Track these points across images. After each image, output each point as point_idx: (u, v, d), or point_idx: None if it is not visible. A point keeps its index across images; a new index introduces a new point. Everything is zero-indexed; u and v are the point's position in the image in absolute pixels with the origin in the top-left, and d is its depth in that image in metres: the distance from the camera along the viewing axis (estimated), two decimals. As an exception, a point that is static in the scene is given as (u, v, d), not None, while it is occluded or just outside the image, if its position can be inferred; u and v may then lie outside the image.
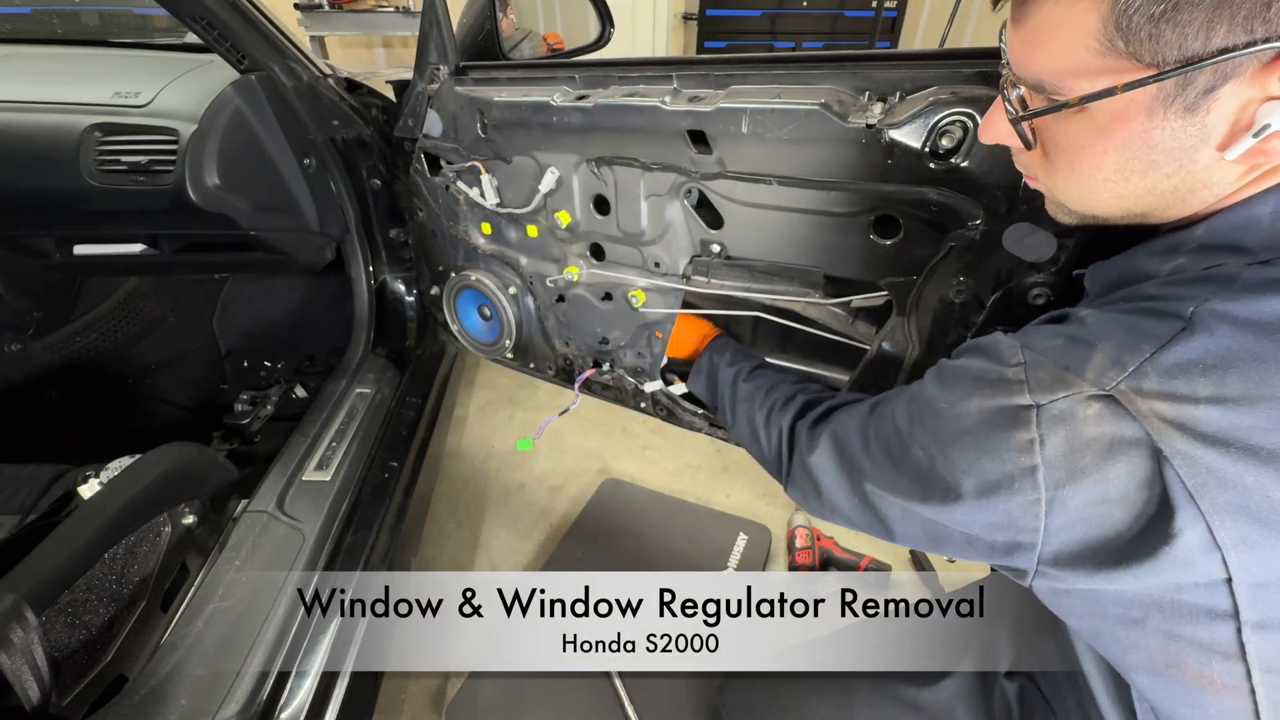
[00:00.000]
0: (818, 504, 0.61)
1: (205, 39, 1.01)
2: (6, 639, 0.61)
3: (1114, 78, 0.36)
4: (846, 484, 0.57)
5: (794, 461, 0.65)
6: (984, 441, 0.43)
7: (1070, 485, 0.39)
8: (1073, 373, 0.40)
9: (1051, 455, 0.40)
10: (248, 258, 1.35)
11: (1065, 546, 0.41)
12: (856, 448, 0.56)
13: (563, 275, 1.01)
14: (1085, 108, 0.38)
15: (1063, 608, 0.46)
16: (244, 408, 1.58)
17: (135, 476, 0.84)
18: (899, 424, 0.51)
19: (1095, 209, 0.44)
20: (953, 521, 0.46)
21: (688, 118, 0.73)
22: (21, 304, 1.35)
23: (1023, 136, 0.44)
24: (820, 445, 0.61)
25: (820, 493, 0.60)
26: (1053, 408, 0.40)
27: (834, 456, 0.59)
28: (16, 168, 1.09)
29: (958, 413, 0.45)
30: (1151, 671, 0.42)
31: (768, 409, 0.74)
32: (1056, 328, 0.45)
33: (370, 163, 1.24)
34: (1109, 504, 0.39)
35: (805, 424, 0.66)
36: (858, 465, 0.55)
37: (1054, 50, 0.38)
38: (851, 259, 0.76)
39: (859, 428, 0.57)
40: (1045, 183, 0.47)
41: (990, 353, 0.46)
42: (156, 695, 0.70)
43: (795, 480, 0.65)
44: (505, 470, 1.79)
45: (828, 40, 3.85)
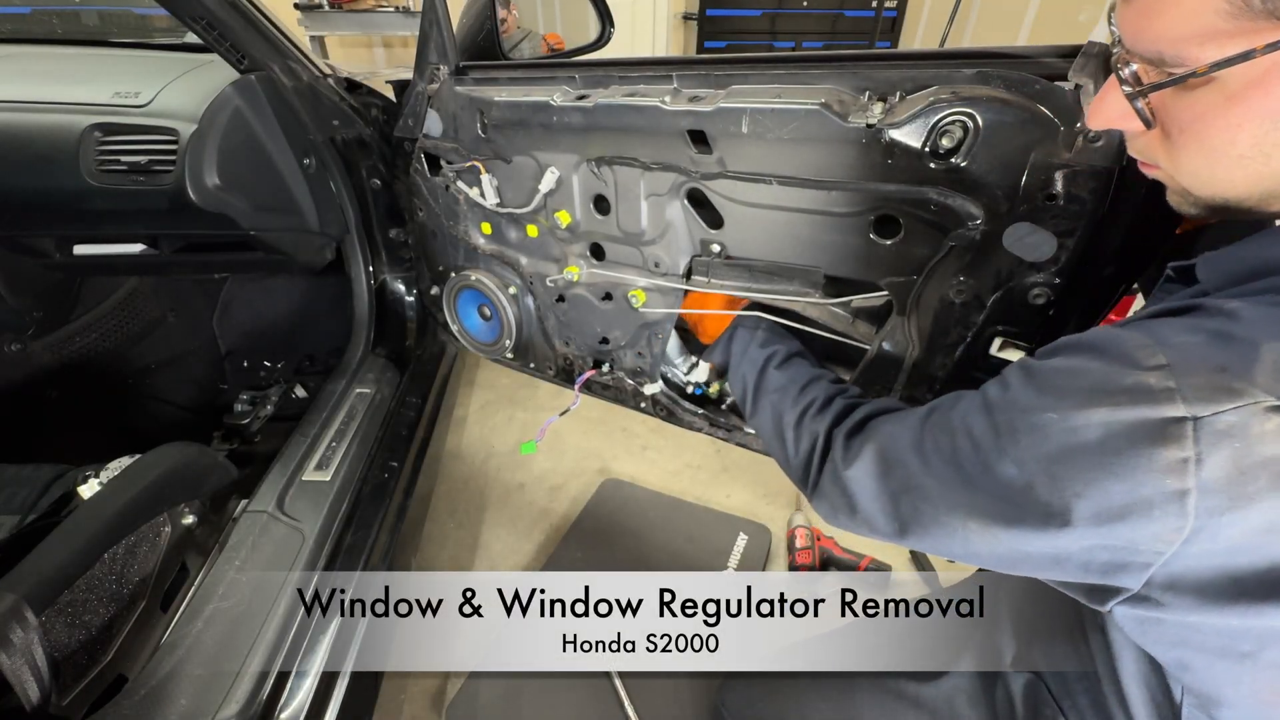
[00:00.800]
0: (849, 521, 0.56)
1: (205, 39, 1.01)
2: (6, 639, 0.61)
3: (1250, 40, 0.33)
4: (890, 505, 0.51)
5: (825, 472, 0.59)
6: (1113, 460, 0.36)
7: (1231, 513, 0.34)
8: (1236, 377, 0.34)
9: (1211, 478, 0.33)
10: (248, 258, 1.35)
11: (1191, 573, 0.36)
12: (913, 465, 0.49)
13: (563, 275, 1.01)
14: (1214, 77, 0.35)
15: (1147, 636, 0.41)
16: (244, 408, 1.58)
17: (135, 476, 0.84)
18: (976, 436, 0.45)
19: (1227, 192, 0.39)
20: (1049, 547, 0.40)
21: (688, 118, 0.73)
22: (21, 304, 1.35)
23: (1141, 115, 0.40)
24: (861, 459, 0.54)
25: (855, 510, 0.54)
26: (1217, 421, 0.33)
27: (877, 473, 0.53)
28: (16, 168, 1.09)
29: (1071, 425, 0.38)
30: (1258, 702, 0.39)
31: (801, 409, 0.67)
32: (1188, 321, 0.39)
33: (370, 163, 1.24)
34: (1276, 534, 0.33)
35: (842, 431, 0.60)
36: (911, 484, 0.49)
37: (1175, 17, 0.35)
38: (851, 259, 0.76)
39: (913, 441, 0.51)
40: (1167, 168, 0.43)
41: (1110, 352, 0.39)
42: (156, 695, 0.70)
43: (824, 492, 0.59)
44: (505, 470, 1.79)
45: (828, 40, 3.85)
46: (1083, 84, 0.53)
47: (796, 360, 0.76)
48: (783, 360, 0.75)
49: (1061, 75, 0.55)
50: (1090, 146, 0.53)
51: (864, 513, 0.54)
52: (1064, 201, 0.56)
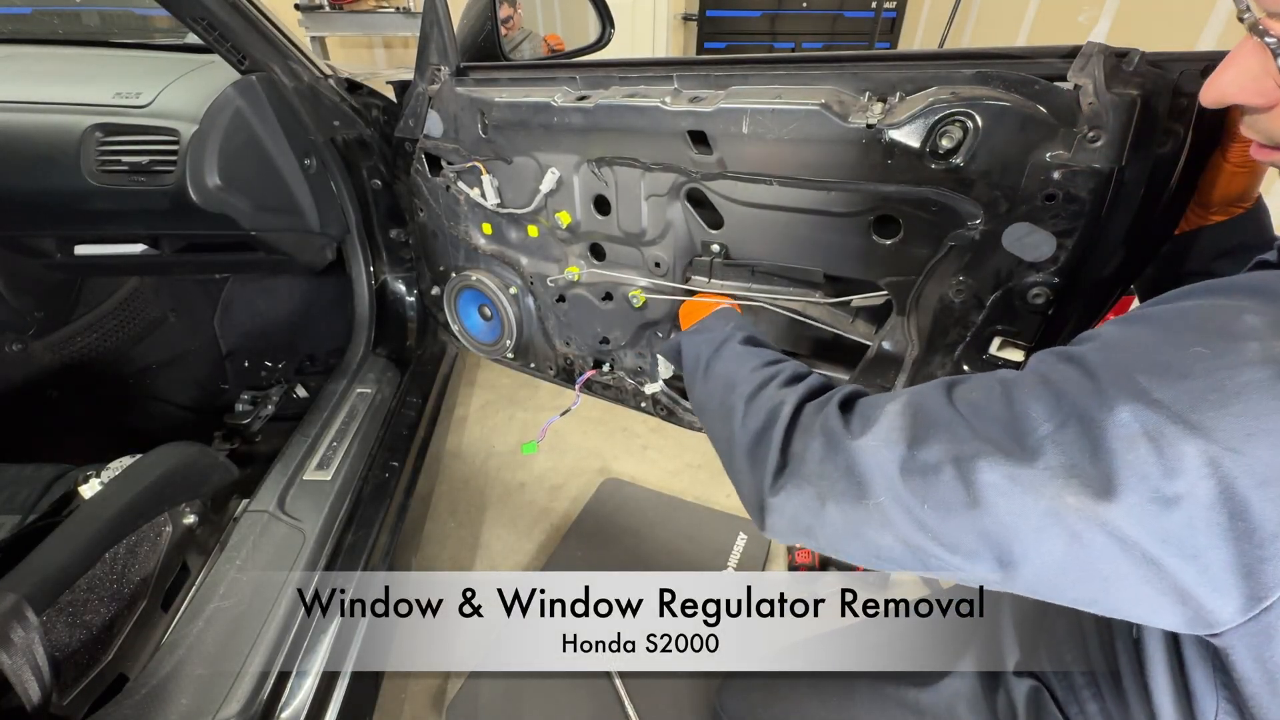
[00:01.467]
0: (845, 512, 0.42)
1: (206, 39, 1.01)
2: (7, 638, 0.61)
3: None
4: (930, 484, 0.39)
5: (800, 453, 0.46)
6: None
7: None
8: None
9: None
10: (249, 258, 1.35)
11: None
12: (961, 430, 0.38)
13: (563, 275, 1.01)
14: None
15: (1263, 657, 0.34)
16: (245, 408, 1.58)
17: (136, 476, 0.84)
18: (1059, 384, 0.35)
19: None
20: (1175, 523, 0.31)
21: (688, 118, 0.73)
22: (22, 304, 1.35)
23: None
24: (879, 426, 0.42)
25: (865, 495, 0.41)
26: None
27: (910, 438, 0.40)
28: (17, 168, 1.09)
29: (1231, 361, 0.31)
30: None
31: (760, 380, 0.55)
32: None
33: (371, 163, 1.24)
34: None
35: (829, 404, 0.47)
36: (964, 451, 0.38)
37: None
38: (851, 259, 0.76)
39: (949, 402, 0.40)
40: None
41: (1266, 291, 0.33)
42: (157, 695, 0.70)
43: (802, 478, 0.45)
44: (505, 470, 1.79)
45: (827, 41, 3.85)
46: (1082, 84, 0.53)
47: (764, 346, 0.64)
48: (746, 339, 0.64)
49: (1061, 76, 0.55)
50: (1089, 147, 0.54)
51: (882, 497, 0.40)
52: (1063, 202, 0.56)
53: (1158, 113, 0.52)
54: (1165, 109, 0.52)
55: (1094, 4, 2.36)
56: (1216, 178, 0.55)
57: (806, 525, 0.45)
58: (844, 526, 0.43)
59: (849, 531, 0.43)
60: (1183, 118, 0.53)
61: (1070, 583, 0.36)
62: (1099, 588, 0.35)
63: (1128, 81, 0.52)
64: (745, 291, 0.86)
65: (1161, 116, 0.52)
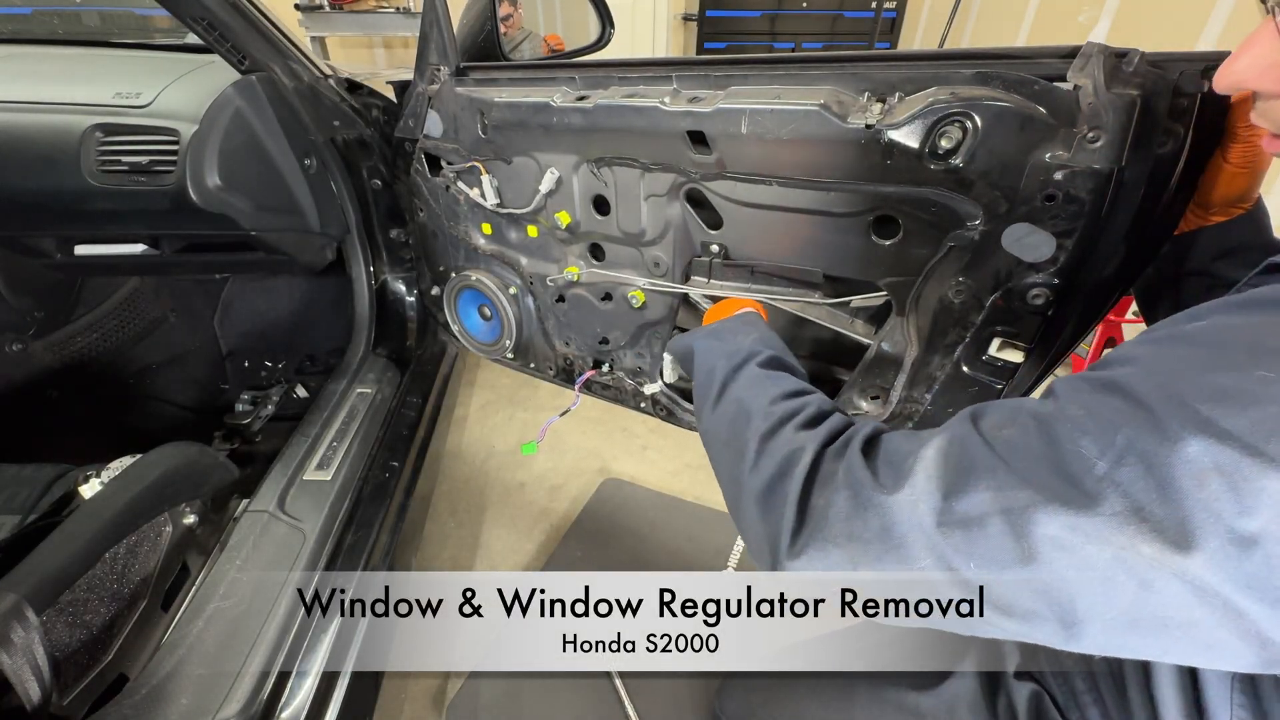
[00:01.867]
0: (886, 585, 0.39)
1: (206, 40, 1.01)
2: (7, 638, 0.61)
3: None
4: (972, 537, 0.35)
5: (821, 505, 0.42)
6: None
7: None
8: None
9: None
10: (249, 258, 1.35)
11: None
12: (1002, 474, 0.35)
13: (563, 275, 1.01)
14: None
15: None
16: (245, 407, 1.58)
17: (136, 476, 0.84)
18: (1150, 409, 0.31)
19: None
20: (1255, 565, 0.28)
21: (687, 118, 0.73)
22: (23, 304, 1.35)
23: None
24: (915, 478, 0.38)
25: (908, 560, 0.37)
26: None
27: (949, 489, 0.36)
28: (18, 168, 1.09)
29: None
30: None
31: (778, 418, 0.50)
32: None
33: (371, 163, 1.24)
34: None
35: (849, 448, 0.44)
36: (1014, 504, 0.34)
37: None
38: (851, 259, 0.76)
39: (1018, 428, 0.36)
40: None
41: None
42: (157, 695, 0.70)
43: (817, 546, 0.41)
44: (505, 470, 1.79)
45: (827, 41, 3.85)
46: (1082, 85, 0.53)
47: (789, 371, 0.60)
48: (769, 362, 0.60)
49: (1060, 76, 0.55)
50: (1089, 147, 0.54)
51: (925, 561, 0.36)
52: (1063, 202, 0.56)
53: (1157, 113, 0.52)
54: (1165, 109, 0.52)
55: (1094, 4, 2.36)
56: (1217, 178, 0.55)
57: (838, 583, 0.42)
58: (885, 590, 0.39)
59: (894, 595, 0.40)
60: (1183, 118, 0.53)
61: (1141, 637, 0.32)
62: (1172, 639, 0.32)
63: (1127, 82, 0.52)
64: (745, 292, 0.86)
65: (1161, 117, 0.52)
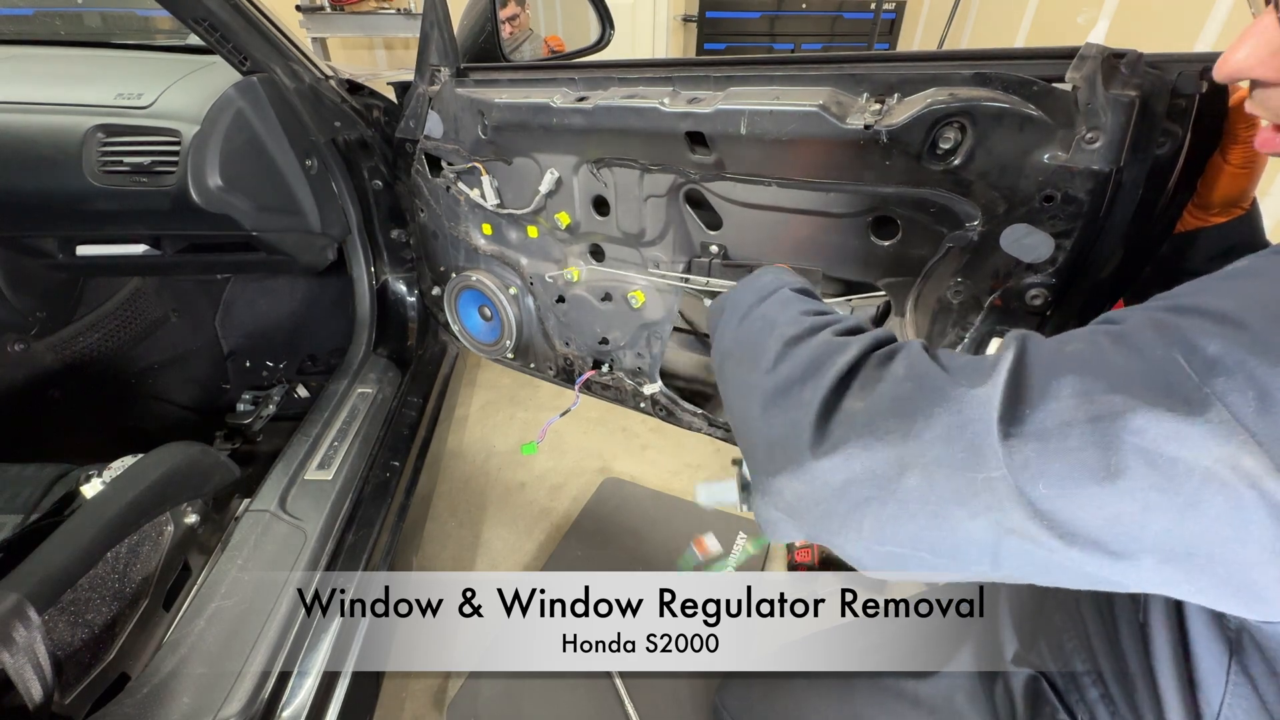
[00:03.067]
0: (938, 492, 0.33)
1: (207, 40, 1.01)
2: (9, 638, 0.62)
3: None
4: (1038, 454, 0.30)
5: (847, 412, 0.36)
6: None
7: None
8: None
9: None
10: (250, 258, 1.35)
11: None
12: (1113, 368, 0.30)
13: (563, 276, 1.02)
14: None
15: None
16: (246, 407, 1.58)
17: (138, 476, 0.84)
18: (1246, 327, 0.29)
19: None
20: None
21: (687, 119, 0.73)
22: (25, 304, 1.36)
23: None
24: (997, 374, 0.33)
25: (978, 463, 0.31)
26: None
27: (1018, 393, 0.32)
28: (20, 169, 1.10)
29: None
30: None
31: (809, 326, 0.44)
32: None
33: (372, 164, 1.24)
34: None
35: (903, 348, 0.39)
36: (1112, 401, 0.29)
37: None
38: (850, 260, 0.76)
39: (1085, 342, 0.33)
40: None
41: None
42: (159, 694, 0.71)
43: (857, 441, 0.35)
44: (506, 470, 1.79)
45: (826, 42, 3.85)
46: (1080, 85, 0.53)
47: (819, 302, 0.53)
48: (801, 289, 0.54)
49: (1059, 77, 0.55)
50: (1088, 148, 0.54)
51: (997, 471, 0.31)
52: (1061, 203, 0.57)
53: (1156, 114, 0.52)
54: (1163, 110, 0.52)
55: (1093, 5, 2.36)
56: (1217, 179, 0.55)
57: (860, 500, 0.34)
58: (926, 506, 0.33)
59: (930, 514, 0.33)
60: (1181, 119, 0.53)
61: (1189, 570, 0.29)
62: (1222, 573, 0.29)
63: (1126, 83, 0.52)
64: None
65: (1160, 118, 0.53)
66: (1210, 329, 0.29)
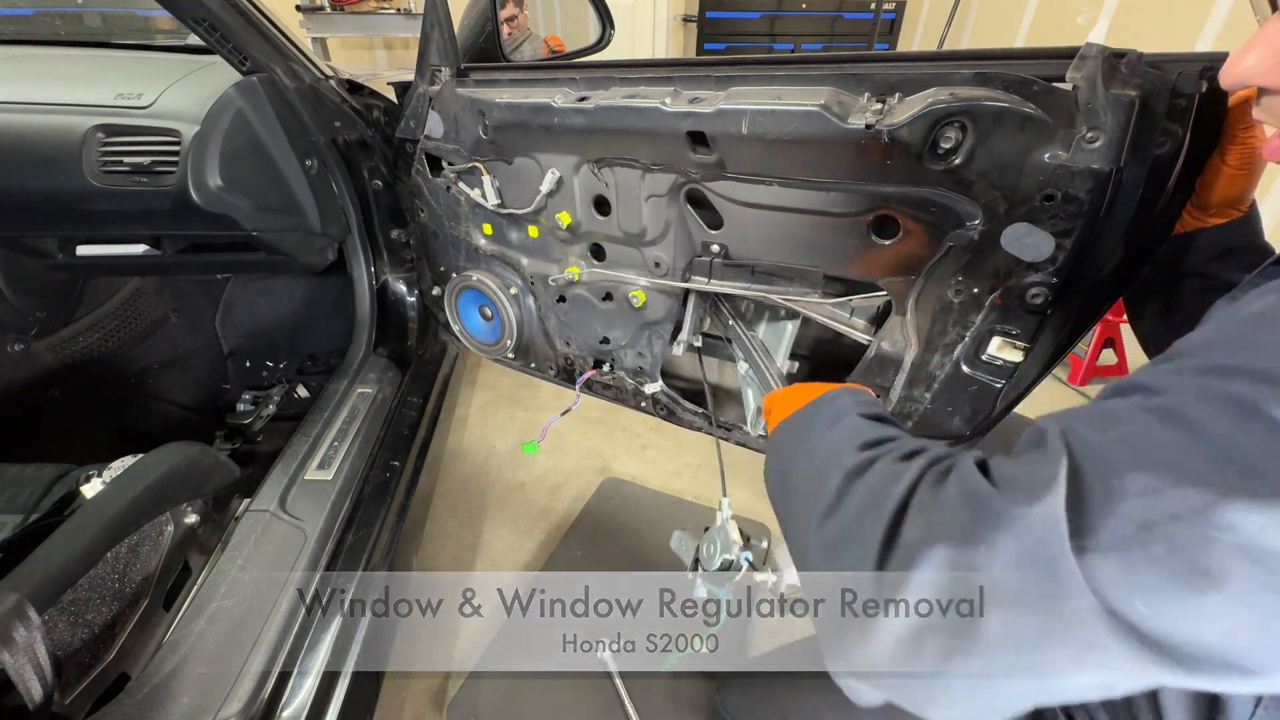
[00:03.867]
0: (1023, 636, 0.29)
1: (207, 41, 1.01)
2: (9, 638, 0.62)
3: None
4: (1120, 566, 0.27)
5: (906, 538, 0.34)
6: None
7: None
8: None
9: None
10: (250, 258, 1.35)
11: None
12: (1179, 452, 0.27)
13: (563, 275, 1.01)
14: None
15: None
16: (246, 407, 1.58)
17: (138, 476, 0.85)
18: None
19: None
20: None
21: (688, 119, 0.73)
22: (24, 304, 1.36)
23: None
24: (1056, 487, 0.29)
25: (1060, 592, 0.28)
26: None
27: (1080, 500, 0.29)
28: (19, 169, 1.10)
29: None
30: None
31: (869, 458, 0.41)
32: None
33: (372, 164, 1.24)
34: None
35: (954, 465, 0.36)
36: (1189, 496, 0.26)
37: None
38: (851, 259, 0.76)
39: (1132, 423, 0.30)
40: None
41: None
42: (159, 694, 0.70)
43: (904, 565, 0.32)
44: (506, 470, 1.79)
45: (826, 42, 3.86)
46: (1080, 85, 0.53)
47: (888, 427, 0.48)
48: (872, 414, 0.50)
49: (1059, 77, 0.55)
50: (1088, 148, 0.54)
51: (1082, 600, 0.27)
52: (1061, 202, 0.57)
53: (1156, 114, 0.52)
54: (1163, 110, 0.52)
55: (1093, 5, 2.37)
56: (1215, 180, 0.55)
57: (939, 654, 0.30)
58: (1018, 656, 0.29)
59: (1024, 668, 0.29)
60: (1181, 119, 0.53)
61: None
62: None
63: (1126, 82, 0.52)
64: (745, 292, 0.86)
65: (1159, 118, 0.53)
66: (1266, 393, 0.26)
